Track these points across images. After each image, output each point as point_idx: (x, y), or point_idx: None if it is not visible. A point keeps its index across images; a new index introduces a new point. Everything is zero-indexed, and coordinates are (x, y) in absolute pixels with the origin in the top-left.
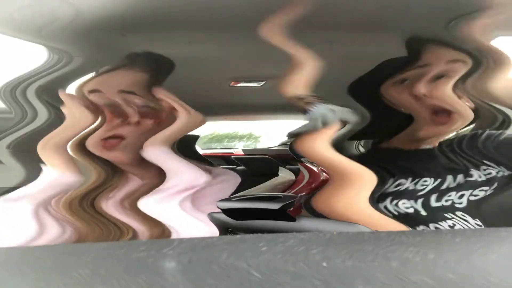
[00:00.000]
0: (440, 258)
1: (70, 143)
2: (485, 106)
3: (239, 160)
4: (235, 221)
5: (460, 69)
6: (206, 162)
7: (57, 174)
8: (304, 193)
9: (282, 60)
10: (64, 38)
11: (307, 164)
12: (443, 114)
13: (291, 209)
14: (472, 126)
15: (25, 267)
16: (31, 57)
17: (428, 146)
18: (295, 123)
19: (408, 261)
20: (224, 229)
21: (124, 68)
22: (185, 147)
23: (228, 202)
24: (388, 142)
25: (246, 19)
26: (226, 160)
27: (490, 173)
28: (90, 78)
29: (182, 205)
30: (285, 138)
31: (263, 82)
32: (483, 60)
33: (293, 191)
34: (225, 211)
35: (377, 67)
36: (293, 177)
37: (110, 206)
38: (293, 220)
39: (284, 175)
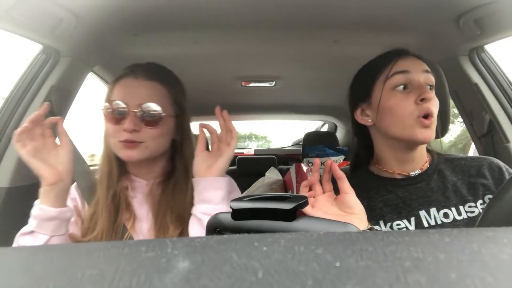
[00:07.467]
0: (429, 258)
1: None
2: None
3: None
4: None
5: None
6: None
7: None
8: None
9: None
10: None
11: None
12: None
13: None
14: None
15: (25, 267)
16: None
17: None
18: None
19: (394, 260)
20: (213, 229)
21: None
22: None
23: (239, 202)
24: None
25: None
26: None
27: None
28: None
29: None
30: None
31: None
32: None
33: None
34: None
35: None
36: (279, 177)
37: None
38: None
39: (271, 175)
